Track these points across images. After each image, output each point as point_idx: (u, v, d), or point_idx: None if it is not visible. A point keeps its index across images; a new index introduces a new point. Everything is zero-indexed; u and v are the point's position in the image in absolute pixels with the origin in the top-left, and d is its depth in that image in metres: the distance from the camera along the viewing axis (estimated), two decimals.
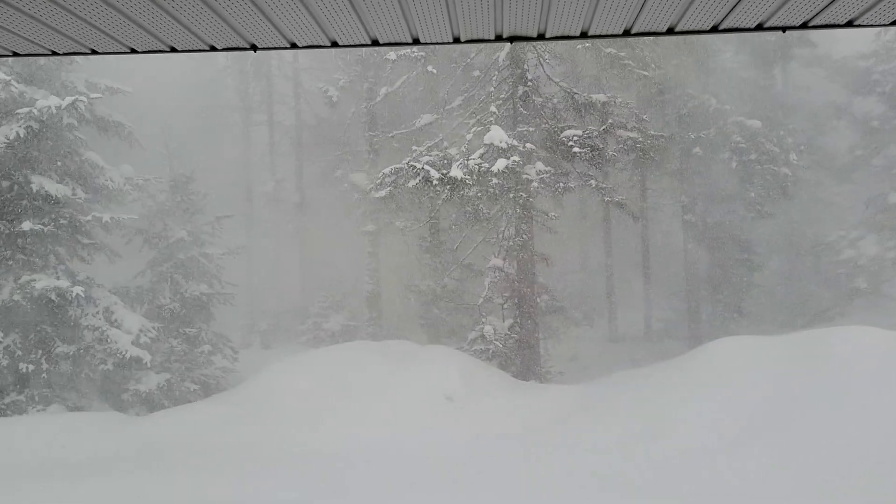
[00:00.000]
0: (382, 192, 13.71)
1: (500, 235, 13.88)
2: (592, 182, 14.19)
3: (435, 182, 12.47)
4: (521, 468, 8.75)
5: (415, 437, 10.25)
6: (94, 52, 3.65)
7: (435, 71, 14.93)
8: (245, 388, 12.95)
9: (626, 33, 3.67)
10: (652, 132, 14.76)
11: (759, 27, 3.56)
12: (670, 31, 3.60)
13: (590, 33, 3.67)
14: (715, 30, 3.59)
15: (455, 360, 12.34)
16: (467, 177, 12.28)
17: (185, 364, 14.18)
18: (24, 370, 12.06)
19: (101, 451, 10.20)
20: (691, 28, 3.56)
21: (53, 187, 12.30)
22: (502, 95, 14.09)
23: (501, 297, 13.78)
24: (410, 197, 13.81)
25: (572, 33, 3.66)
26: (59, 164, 13.06)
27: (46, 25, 3.30)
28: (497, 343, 13.22)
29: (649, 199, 20.67)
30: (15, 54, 3.61)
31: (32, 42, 3.51)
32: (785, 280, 22.17)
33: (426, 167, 12.59)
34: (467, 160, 12.51)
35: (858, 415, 8.14)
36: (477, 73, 14.83)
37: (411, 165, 12.99)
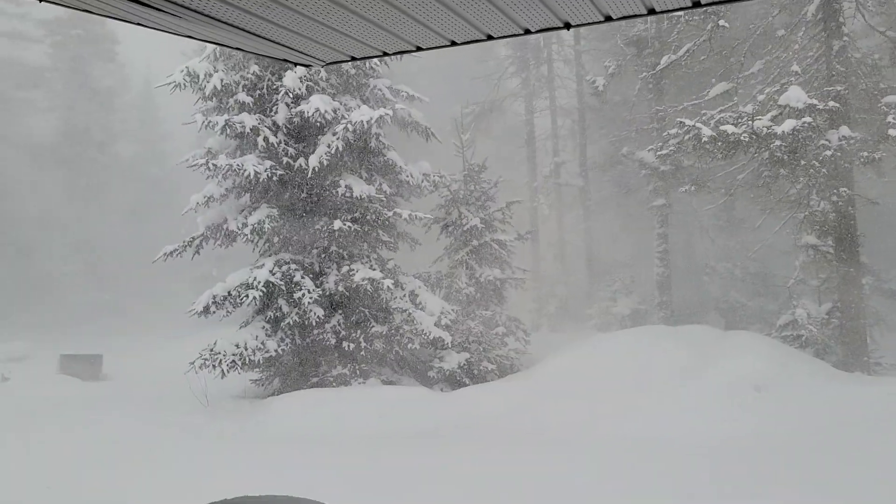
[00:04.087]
0: (664, 151, 12.99)
1: (817, 209, 12.40)
2: None
3: (705, 139, 11.51)
4: (841, 469, 7.73)
5: (719, 429, 9.59)
6: (418, 49, 3.82)
7: (727, 25, 13.70)
8: (538, 369, 13.23)
9: None
10: None
11: None
12: None
13: None
14: None
15: (763, 347, 11.36)
16: (743, 134, 11.12)
17: (482, 345, 14.88)
18: (347, 348, 13.56)
19: (413, 425, 11.09)
20: None
21: (360, 188, 13.59)
22: (811, 53, 12.58)
23: (817, 278, 12.35)
24: (693, 164, 12.86)
25: None
26: (366, 163, 14.50)
27: (378, 26, 3.52)
28: (812, 329, 11.89)
29: None
30: (352, 59, 3.93)
31: (367, 45, 3.78)
32: None
33: (697, 124, 11.68)
34: (752, 121, 11.35)
35: None
36: (781, 32, 13.39)
37: (680, 122, 12.15)
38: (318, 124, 13.69)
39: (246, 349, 13.00)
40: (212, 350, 12.83)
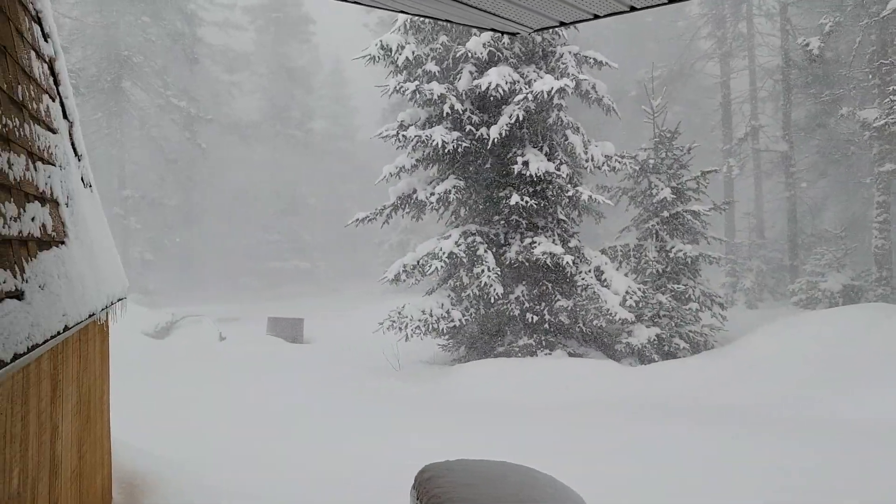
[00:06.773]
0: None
1: None
2: None
3: None
4: None
5: None
6: (632, 10, 3.61)
7: None
8: (736, 347, 12.47)
9: None
10: None
11: None
12: None
13: None
14: None
15: None
16: None
17: (673, 320, 14.23)
18: (531, 320, 13.52)
19: (600, 397, 10.88)
20: None
21: (537, 164, 13.32)
22: None
23: None
24: None
25: None
26: (547, 141, 14.20)
27: None
28: None
29: None
30: (561, 24, 3.78)
31: (577, 8, 3.61)
32: None
33: None
34: None
35: None
36: None
37: None
38: (497, 98, 13.63)
39: (431, 316, 13.47)
40: (399, 313, 13.49)
